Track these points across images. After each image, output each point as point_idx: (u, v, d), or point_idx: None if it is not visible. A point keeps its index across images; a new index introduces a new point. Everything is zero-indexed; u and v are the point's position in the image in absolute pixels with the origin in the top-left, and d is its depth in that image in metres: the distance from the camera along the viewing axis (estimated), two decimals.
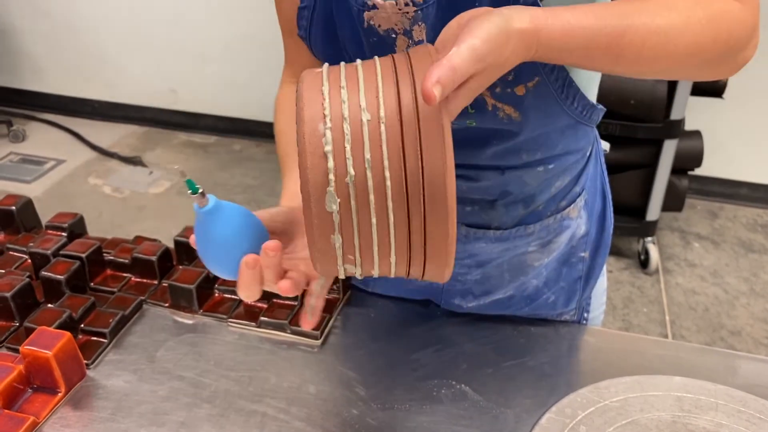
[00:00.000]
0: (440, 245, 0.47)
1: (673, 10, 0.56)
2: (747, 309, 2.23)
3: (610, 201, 0.92)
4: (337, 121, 0.46)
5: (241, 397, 0.77)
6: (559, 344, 0.87)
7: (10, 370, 0.74)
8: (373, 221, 0.48)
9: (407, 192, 0.46)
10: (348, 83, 0.48)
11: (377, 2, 0.64)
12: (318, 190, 0.47)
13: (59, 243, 0.95)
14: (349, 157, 0.46)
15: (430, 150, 0.45)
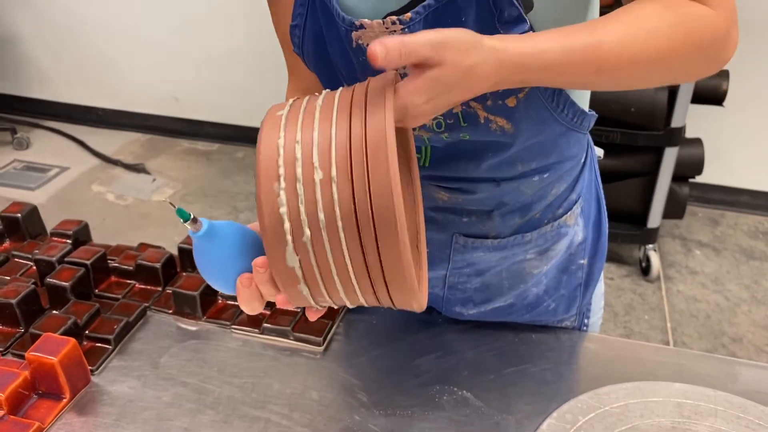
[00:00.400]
0: (397, 272, 0.48)
1: (642, 17, 0.57)
2: (748, 316, 2.23)
3: (604, 206, 0.93)
4: (291, 182, 0.48)
5: (245, 404, 0.78)
6: (560, 351, 0.88)
7: (15, 376, 0.75)
8: (331, 264, 0.50)
9: (358, 227, 0.48)
10: (303, 133, 0.49)
11: (364, 22, 0.64)
12: (278, 250, 0.50)
13: (64, 250, 0.96)
14: (304, 218, 0.48)
15: (377, 182, 0.46)
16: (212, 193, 2.90)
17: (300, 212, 0.48)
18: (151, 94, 3.38)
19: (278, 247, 0.50)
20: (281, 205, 0.48)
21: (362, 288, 0.51)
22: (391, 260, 0.48)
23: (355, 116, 0.48)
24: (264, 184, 0.49)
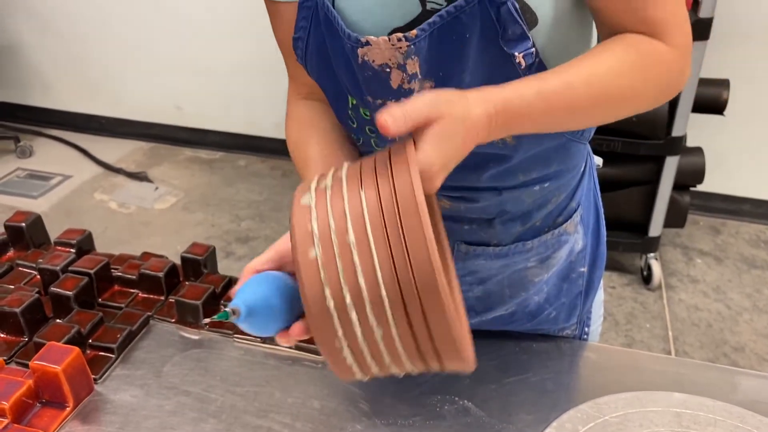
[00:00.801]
0: (448, 342, 0.49)
1: (607, 59, 0.62)
2: (750, 325, 2.23)
3: (602, 215, 0.94)
4: (328, 250, 0.49)
5: (247, 412, 0.78)
6: (561, 360, 0.88)
7: (19, 384, 0.76)
8: (380, 342, 0.51)
9: (404, 302, 0.49)
10: (333, 203, 0.51)
11: (370, 39, 0.65)
12: (325, 335, 0.51)
13: (68, 259, 0.97)
14: (349, 302, 0.49)
15: (416, 253, 0.48)
16: (215, 202, 2.90)
17: (344, 296, 0.49)
18: (154, 103, 3.39)
19: (325, 333, 0.51)
20: (325, 286, 0.49)
21: (412, 360, 0.52)
22: (440, 333, 0.49)
23: (383, 186, 0.50)
24: (301, 254, 0.50)
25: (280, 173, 3.16)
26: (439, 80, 0.67)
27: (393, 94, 0.69)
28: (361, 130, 0.76)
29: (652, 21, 0.63)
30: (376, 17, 0.66)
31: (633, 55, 0.63)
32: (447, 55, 0.65)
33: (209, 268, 0.99)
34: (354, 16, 0.66)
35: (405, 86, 0.67)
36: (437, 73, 0.67)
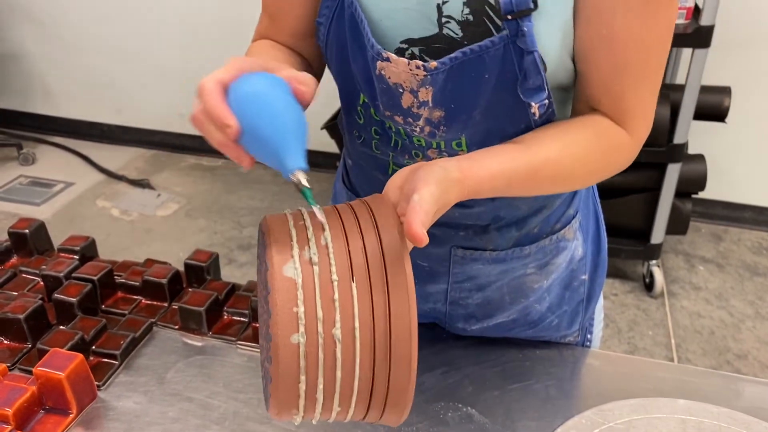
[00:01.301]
0: (402, 396, 0.50)
1: (574, 145, 0.66)
2: (753, 332, 2.22)
3: (602, 222, 0.94)
4: (313, 341, 0.48)
5: (250, 419, 0.78)
6: (564, 367, 0.88)
7: (23, 391, 0.76)
8: (334, 411, 0.51)
9: (371, 392, 0.50)
10: (322, 290, 0.49)
11: (391, 56, 0.65)
12: (286, 396, 0.50)
13: (71, 266, 0.97)
14: (320, 375, 0.49)
15: (398, 365, 0.49)
16: (216, 209, 2.91)
17: (318, 383, 0.49)
18: (156, 110, 3.40)
19: (288, 403, 0.50)
20: (301, 373, 0.49)
21: (360, 394, 0.52)
22: (398, 388, 0.50)
23: (376, 289, 0.49)
24: (283, 355, 0.48)
25: (282, 180, 3.15)
26: (450, 111, 0.68)
27: (403, 111, 0.69)
28: (366, 128, 0.77)
29: (623, 108, 0.68)
30: (393, 22, 0.66)
31: (597, 145, 0.68)
32: (462, 90, 0.66)
33: (212, 275, 0.99)
34: (375, 15, 0.67)
35: (414, 110, 0.68)
36: (449, 105, 0.67)
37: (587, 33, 0.64)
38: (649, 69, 0.67)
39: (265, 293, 0.51)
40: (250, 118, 0.50)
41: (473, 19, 0.63)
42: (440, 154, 0.74)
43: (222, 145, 0.53)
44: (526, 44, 0.62)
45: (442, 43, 0.65)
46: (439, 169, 0.56)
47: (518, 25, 0.61)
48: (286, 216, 0.54)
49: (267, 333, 0.52)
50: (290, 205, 3.18)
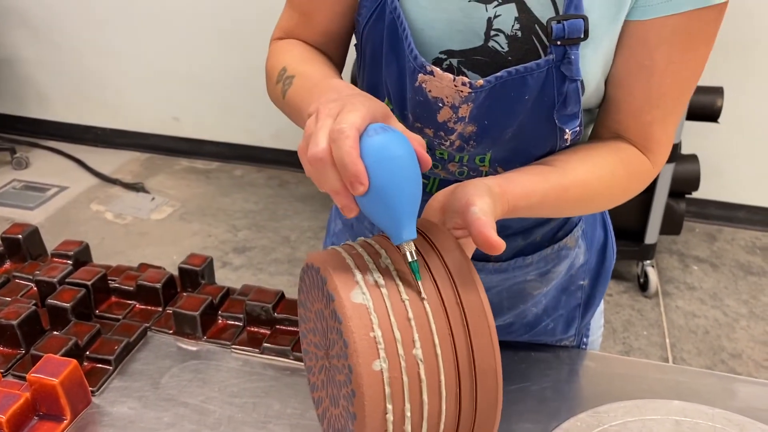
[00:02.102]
0: (491, 411, 0.49)
1: (601, 168, 0.68)
2: (747, 331, 2.23)
3: (611, 232, 0.94)
4: (395, 364, 0.46)
5: (245, 424, 0.78)
6: (560, 369, 0.88)
7: (16, 397, 0.75)
8: (425, 410, 0.49)
9: (459, 418, 0.48)
10: (394, 308, 0.47)
11: (435, 70, 0.64)
12: (373, 428, 0.47)
13: (65, 271, 0.96)
14: (407, 401, 0.47)
15: (484, 378, 0.47)
16: (211, 212, 2.90)
17: (405, 411, 0.47)
18: (150, 114, 3.40)
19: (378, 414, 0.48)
20: (387, 402, 0.46)
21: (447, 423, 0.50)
22: (485, 404, 0.49)
23: (446, 294, 0.48)
24: (367, 384, 0.46)
25: (277, 183, 3.16)
26: (483, 127, 0.68)
27: (435, 125, 0.68)
28: None
29: (650, 137, 0.69)
30: (435, 32, 0.66)
31: (622, 170, 0.70)
32: (500, 108, 0.66)
33: (207, 279, 0.99)
34: (417, 24, 0.66)
35: (450, 124, 0.68)
36: (483, 122, 0.67)
37: (628, 61, 0.65)
38: (680, 102, 0.69)
39: (332, 326, 0.49)
40: (380, 181, 0.48)
41: (521, 36, 0.64)
42: (461, 167, 0.74)
43: (336, 192, 0.50)
44: (571, 72, 0.62)
45: (484, 55, 0.65)
46: (482, 185, 0.56)
47: (566, 52, 0.62)
48: (335, 249, 0.53)
49: (332, 376, 0.50)
50: (284, 208, 3.18)
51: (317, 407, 0.57)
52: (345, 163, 0.47)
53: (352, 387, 0.46)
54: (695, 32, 0.63)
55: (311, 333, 0.56)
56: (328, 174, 0.49)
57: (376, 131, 0.49)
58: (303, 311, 0.57)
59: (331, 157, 0.48)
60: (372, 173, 0.47)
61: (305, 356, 0.59)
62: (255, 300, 0.91)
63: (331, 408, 0.53)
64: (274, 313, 0.90)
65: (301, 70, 0.70)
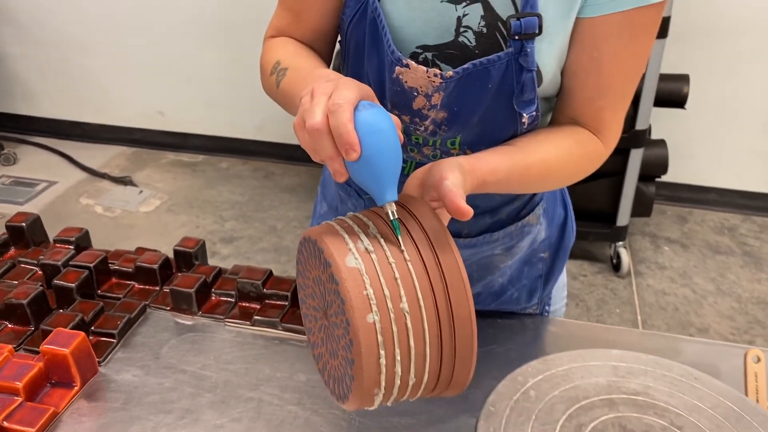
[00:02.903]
0: (468, 356, 0.57)
1: (558, 149, 0.76)
2: (714, 307, 2.34)
3: (570, 210, 1.03)
4: (385, 316, 0.54)
5: (240, 386, 0.86)
6: (524, 333, 0.97)
7: (31, 366, 0.83)
8: (410, 383, 0.57)
9: (441, 356, 0.56)
10: (383, 270, 0.55)
11: (411, 63, 0.73)
12: (369, 373, 0.55)
13: (68, 255, 1.04)
14: (397, 347, 0.54)
15: (460, 321, 0.55)
16: (198, 204, 2.97)
17: (395, 355, 0.54)
18: (135, 109, 3.45)
19: (370, 381, 0.55)
20: (380, 348, 0.54)
21: (423, 394, 0.59)
22: (460, 380, 0.57)
23: (426, 256, 0.56)
24: (363, 334, 0.53)
25: (262, 174, 3.23)
26: (453, 113, 0.76)
27: (411, 112, 0.77)
28: None
29: (601, 121, 0.78)
30: (411, 29, 0.74)
31: (577, 151, 0.78)
32: (467, 96, 0.74)
33: (200, 260, 1.07)
34: (395, 22, 0.74)
35: (424, 111, 0.77)
36: (453, 108, 0.76)
37: (581, 54, 0.74)
38: (627, 90, 0.77)
39: (330, 289, 0.57)
40: (370, 149, 0.55)
41: (486, 32, 0.72)
42: (434, 150, 0.82)
43: (329, 158, 0.57)
44: (527, 63, 0.71)
45: (455, 49, 0.74)
46: (454, 162, 0.64)
47: (523, 45, 0.70)
48: (328, 223, 0.60)
49: (330, 332, 0.58)
50: (270, 199, 3.24)
51: (317, 362, 0.64)
52: (341, 133, 0.54)
53: (350, 337, 0.54)
54: (637, 27, 0.72)
55: (309, 298, 0.64)
56: (324, 143, 0.56)
57: (366, 107, 0.57)
58: (302, 280, 0.65)
59: (327, 128, 0.55)
60: (363, 142, 0.55)
61: (305, 319, 0.66)
62: (245, 278, 0.99)
63: (331, 360, 0.61)
64: (264, 289, 0.98)
65: (293, 62, 0.78)
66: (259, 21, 3.37)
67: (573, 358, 0.67)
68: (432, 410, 0.82)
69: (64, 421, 0.81)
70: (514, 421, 0.60)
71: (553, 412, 0.60)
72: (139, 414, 0.82)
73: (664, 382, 0.64)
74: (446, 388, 0.60)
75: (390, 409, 0.81)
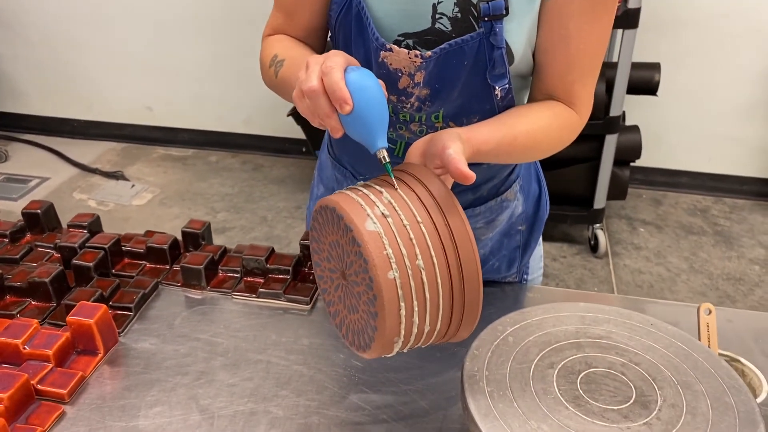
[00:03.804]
0: (475, 302, 0.66)
1: (540, 120, 0.84)
2: (687, 284, 2.46)
3: (544, 185, 1.13)
4: (404, 272, 0.61)
5: (249, 351, 0.95)
6: (505, 300, 1.07)
7: (59, 336, 0.91)
8: (425, 330, 0.65)
9: (452, 306, 0.65)
10: (399, 233, 0.62)
11: (393, 47, 0.83)
12: (391, 324, 0.62)
13: (83, 238, 1.12)
14: (415, 300, 0.62)
15: (469, 275, 0.63)
16: (189, 196, 3.04)
17: (413, 306, 0.62)
18: (124, 104, 3.50)
19: (392, 331, 0.62)
20: (400, 301, 0.61)
21: (435, 341, 0.67)
22: (472, 297, 0.65)
23: (438, 220, 0.63)
24: (386, 289, 0.61)
25: (251, 167, 3.31)
26: (434, 90, 0.86)
27: (397, 92, 0.87)
28: None
29: (573, 94, 0.86)
30: (392, 20, 0.83)
31: (556, 123, 0.85)
32: (446, 73, 0.84)
33: (206, 240, 1.15)
34: (377, 13, 0.83)
35: (409, 89, 0.86)
36: (434, 85, 0.85)
37: (548, 33, 0.83)
38: (594, 64, 0.86)
39: (350, 251, 0.64)
40: (360, 102, 0.65)
41: (460, 17, 0.81)
42: (420, 126, 0.91)
43: (326, 115, 0.66)
44: (497, 41, 0.80)
45: (433, 35, 0.83)
46: (454, 132, 0.70)
47: (492, 26, 0.79)
48: (343, 193, 0.67)
49: (349, 290, 0.66)
50: (260, 191, 3.32)
51: (334, 318, 0.72)
52: (334, 90, 0.63)
53: (373, 293, 0.62)
54: (598, 6, 0.81)
55: (325, 261, 0.71)
56: (320, 102, 0.65)
57: (353, 69, 0.66)
58: (316, 245, 0.72)
59: (322, 88, 0.64)
60: (354, 97, 0.64)
61: (319, 281, 0.74)
62: (250, 254, 1.08)
63: (349, 315, 0.68)
64: (267, 264, 1.07)
65: (288, 53, 0.87)
66: (246, 17, 3.43)
67: (546, 310, 0.76)
68: (423, 366, 0.92)
69: (91, 384, 0.89)
70: (495, 362, 0.69)
71: (528, 354, 0.70)
72: (158, 377, 0.90)
73: (624, 328, 0.74)
74: (455, 334, 0.68)
75: (386, 365, 0.91)
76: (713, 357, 0.70)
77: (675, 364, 0.69)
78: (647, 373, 0.68)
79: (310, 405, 0.85)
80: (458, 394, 0.74)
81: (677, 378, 0.67)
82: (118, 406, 0.85)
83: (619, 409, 0.63)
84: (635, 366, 0.69)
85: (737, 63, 2.77)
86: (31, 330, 0.91)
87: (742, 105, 2.86)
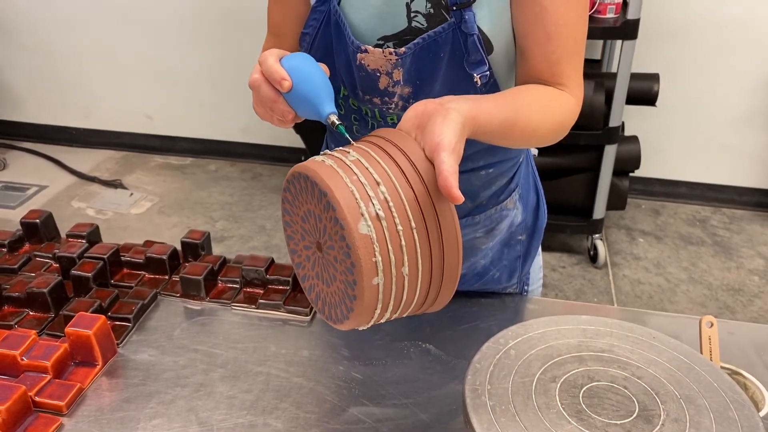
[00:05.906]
0: (452, 280, 0.65)
1: (539, 104, 0.81)
2: (686, 295, 2.46)
3: (542, 195, 1.13)
4: (388, 278, 0.60)
5: (248, 362, 0.94)
6: (505, 311, 1.07)
7: (57, 347, 0.91)
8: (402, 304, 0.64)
9: (431, 278, 0.64)
10: (392, 240, 0.60)
11: (368, 48, 0.84)
12: (364, 317, 0.62)
13: (82, 248, 1.12)
14: (392, 302, 0.62)
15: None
16: (188, 205, 3.03)
17: (390, 306, 0.62)
18: (124, 113, 3.50)
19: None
20: (378, 303, 0.61)
21: (413, 311, 0.66)
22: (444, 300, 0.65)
23: (431, 228, 0.62)
24: (368, 295, 0.60)
25: (250, 176, 3.31)
26: (416, 87, 0.86)
27: (379, 93, 0.87)
28: (346, 117, 0.95)
29: (560, 73, 0.83)
30: (369, 25, 0.84)
31: (555, 104, 0.82)
32: (424, 68, 0.84)
33: (206, 251, 1.15)
34: (354, 21, 0.85)
35: (390, 89, 0.87)
36: (415, 81, 0.85)
37: (523, 14, 0.81)
38: (577, 41, 0.84)
39: (325, 217, 0.62)
40: (298, 77, 0.71)
41: (434, 12, 0.82)
42: None
43: (273, 101, 0.72)
44: (468, 28, 0.80)
45: (411, 34, 0.83)
46: (455, 113, 0.64)
47: (462, 15, 0.79)
48: (314, 159, 0.65)
49: (325, 262, 0.64)
50: (259, 200, 3.30)
51: (310, 293, 0.70)
52: (271, 72, 0.70)
53: (351, 260, 0.60)
54: None
55: (298, 234, 0.69)
56: (263, 90, 0.72)
57: (288, 55, 0.73)
58: (288, 218, 0.70)
59: (263, 77, 0.72)
60: (290, 74, 0.71)
61: (292, 255, 0.72)
62: (249, 265, 1.07)
63: (325, 288, 0.66)
64: (267, 275, 1.07)
65: None
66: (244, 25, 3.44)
67: (548, 323, 0.76)
68: (424, 378, 0.91)
69: (89, 395, 0.89)
70: (497, 375, 0.69)
71: (531, 367, 0.70)
72: (157, 388, 0.90)
73: (626, 341, 0.73)
74: (434, 302, 0.67)
75: (386, 378, 0.91)
76: (716, 371, 0.69)
77: (678, 377, 0.69)
78: (650, 387, 0.67)
79: (310, 418, 0.85)
80: (460, 407, 0.73)
81: (680, 392, 0.67)
82: (117, 418, 0.85)
83: (622, 424, 0.62)
84: (638, 380, 0.68)
85: (736, 73, 2.78)
86: (29, 341, 0.91)
87: (741, 115, 2.87)
